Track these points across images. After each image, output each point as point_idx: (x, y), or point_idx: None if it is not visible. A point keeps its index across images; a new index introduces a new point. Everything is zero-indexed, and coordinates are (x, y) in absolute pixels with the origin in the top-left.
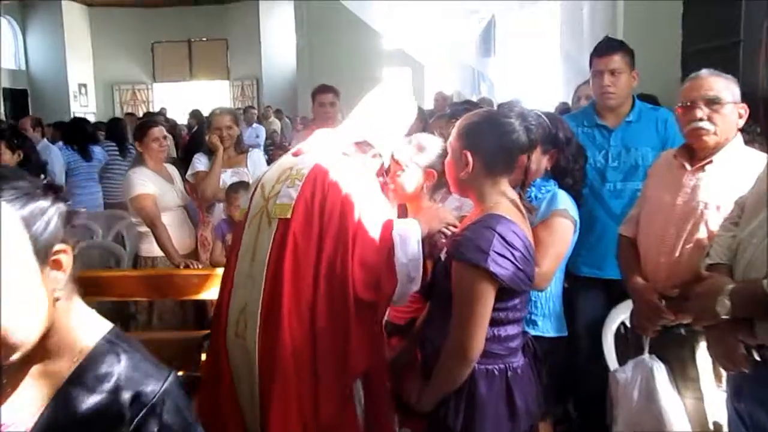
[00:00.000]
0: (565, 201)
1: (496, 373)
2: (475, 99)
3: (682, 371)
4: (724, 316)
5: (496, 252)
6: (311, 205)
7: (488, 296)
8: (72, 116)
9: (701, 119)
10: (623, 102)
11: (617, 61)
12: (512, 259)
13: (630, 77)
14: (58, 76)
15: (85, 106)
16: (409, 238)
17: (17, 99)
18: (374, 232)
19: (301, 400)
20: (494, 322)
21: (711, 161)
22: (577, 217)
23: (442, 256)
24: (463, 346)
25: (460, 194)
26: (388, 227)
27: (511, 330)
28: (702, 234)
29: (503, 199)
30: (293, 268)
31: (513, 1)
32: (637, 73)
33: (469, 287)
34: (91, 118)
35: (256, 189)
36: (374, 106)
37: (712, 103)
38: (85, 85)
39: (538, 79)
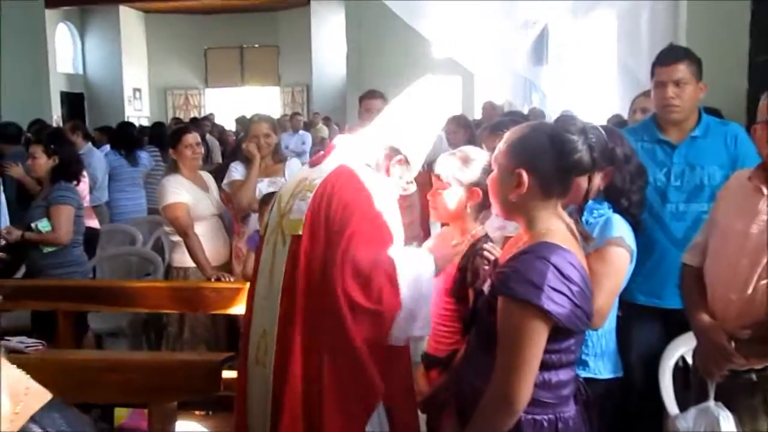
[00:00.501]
0: (620, 228)
1: (545, 424)
2: (525, 109)
3: (752, 423)
4: None
5: (551, 287)
6: (318, 218)
7: (540, 337)
8: (126, 120)
9: None
10: (688, 116)
11: (682, 70)
12: (569, 294)
13: (696, 89)
14: (114, 81)
15: (139, 110)
16: (421, 276)
17: (74, 103)
18: (373, 240)
19: None
20: (545, 366)
21: None
22: (634, 246)
23: (485, 288)
24: (509, 394)
25: (506, 217)
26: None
27: (564, 375)
28: None
29: (558, 224)
30: (306, 288)
31: (567, 10)
32: (704, 85)
33: (518, 327)
34: (145, 123)
35: (274, 203)
36: (401, 109)
37: None
38: (139, 90)
39: (592, 90)
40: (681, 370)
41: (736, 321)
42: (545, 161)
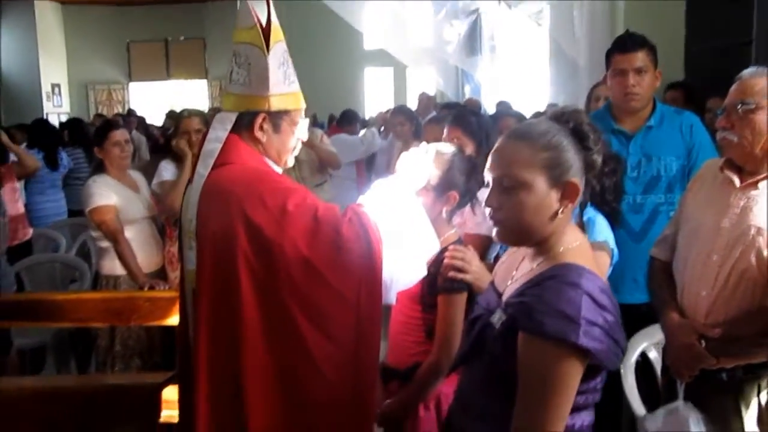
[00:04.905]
0: (604, 230)
1: None
2: (459, 100)
3: (723, 424)
4: None
5: (587, 320)
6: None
7: (575, 380)
8: (44, 117)
9: (724, 128)
10: (646, 104)
11: (642, 58)
12: (606, 326)
13: (654, 77)
14: (31, 76)
15: (59, 107)
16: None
17: None
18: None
19: None
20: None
21: (767, 176)
22: (614, 246)
23: (495, 320)
24: None
25: (528, 244)
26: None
27: (587, 418)
28: (752, 264)
29: (579, 236)
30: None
31: (499, 1)
32: (660, 72)
33: (549, 369)
34: (65, 119)
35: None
36: None
37: (741, 108)
38: (58, 86)
39: (527, 78)
40: (640, 366)
41: (706, 318)
42: (578, 163)
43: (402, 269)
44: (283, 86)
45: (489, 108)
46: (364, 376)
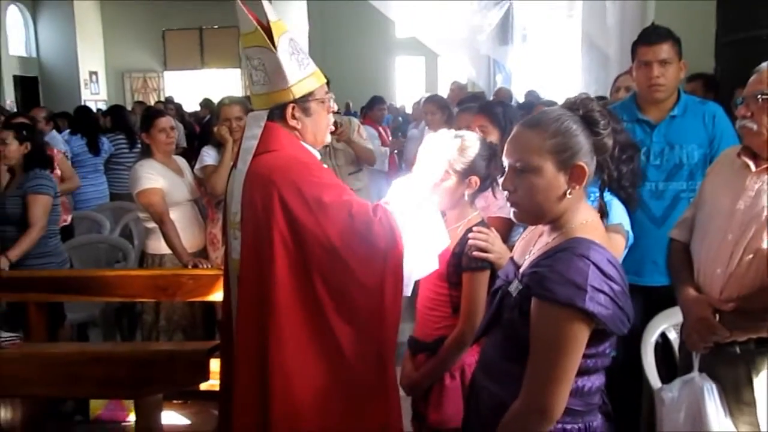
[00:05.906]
0: (620, 213)
1: None
2: (491, 89)
3: (735, 394)
4: None
5: (593, 287)
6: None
7: (582, 343)
8: (83, 104)
9: (744, 117)
10: (671, 95)
11: (666, 50)
12: (612, 294)
13: (678, 68)
14: (69, 64)
15: (96, 94)
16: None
17: (28, 86)
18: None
19: None
20: (579, 372)
21: None
22: (630, 228)
23: (512, 289)
24: (545, 405)
25: (539, 222)
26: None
27: (596, 381)
28: (765, 244)
29: (592, 214)
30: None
31: None
32: (685, 63)
33: (559, 332)
34: (102, 106)
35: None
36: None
37: (760, 98)
38: (96, 73)
39: (558, 68)
40: (660, 346)
41: (720, 295)
42: (587, 147)
43: (418, 264)
44: (300, 72)
45: (519, 97)
46: (386, 356)
